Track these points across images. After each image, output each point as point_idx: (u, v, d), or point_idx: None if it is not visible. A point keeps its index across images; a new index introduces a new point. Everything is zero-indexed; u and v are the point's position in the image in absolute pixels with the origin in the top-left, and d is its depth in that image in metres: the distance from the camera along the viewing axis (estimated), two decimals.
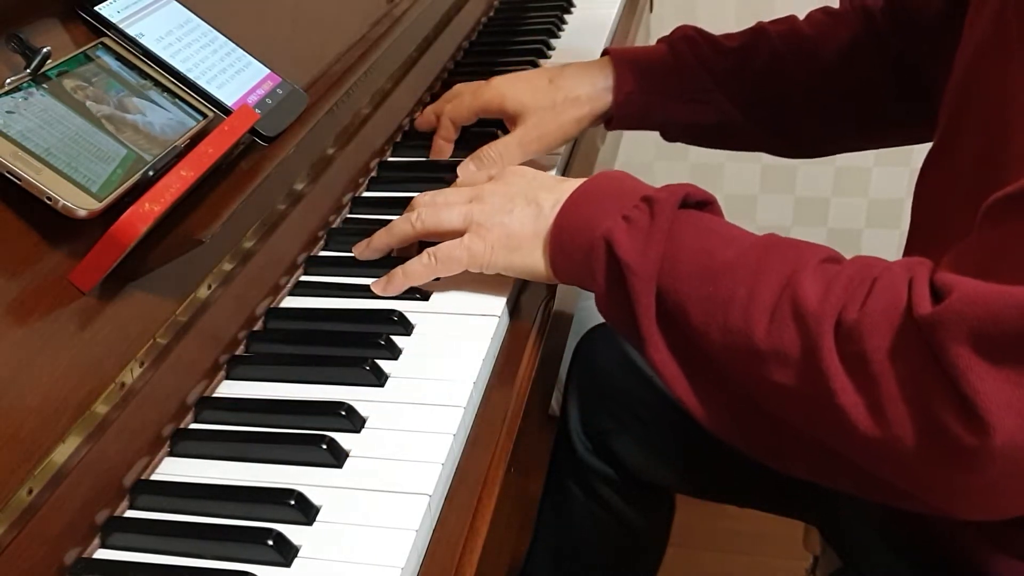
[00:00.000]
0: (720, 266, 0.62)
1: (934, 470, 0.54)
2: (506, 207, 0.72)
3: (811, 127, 0.96)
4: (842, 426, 0.55)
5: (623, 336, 0.68)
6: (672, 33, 0.95)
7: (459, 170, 0.89)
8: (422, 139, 1.00)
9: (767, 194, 1.91)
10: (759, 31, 0.94)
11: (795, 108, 0.94)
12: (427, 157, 0.95)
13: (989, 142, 0.62)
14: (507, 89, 0.91)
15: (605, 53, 0.95)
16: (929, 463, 0.54)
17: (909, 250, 0.76)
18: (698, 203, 0.68)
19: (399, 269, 0.73)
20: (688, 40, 0.94)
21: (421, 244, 0.75)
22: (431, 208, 0.74)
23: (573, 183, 0.71)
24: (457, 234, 0.72)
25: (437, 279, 0.74)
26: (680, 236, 0.64)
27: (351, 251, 0.78)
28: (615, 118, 0.93)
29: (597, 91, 0.92)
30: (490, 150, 0.89)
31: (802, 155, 1.02)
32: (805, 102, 0.94)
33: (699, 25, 0.96)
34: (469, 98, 0.92)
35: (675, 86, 0.93)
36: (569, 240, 0.68)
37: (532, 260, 0.70)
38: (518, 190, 0.73)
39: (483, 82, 0.93)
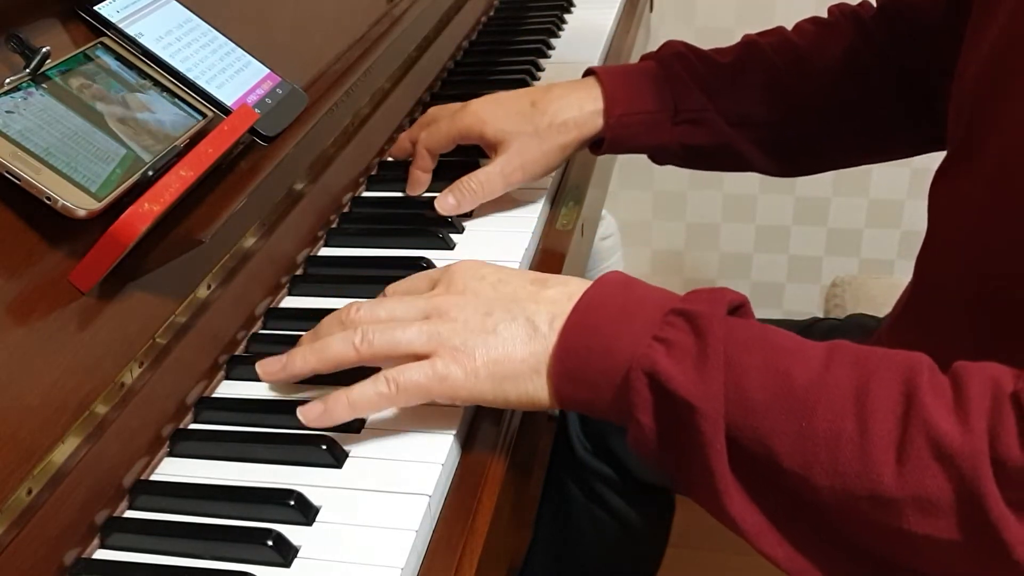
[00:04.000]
0: (805, 391, 0.51)
1: None
2: (485, 324, 0.59)
3: (809, 143, 0.91)
4: None
5: (672, 480, 0.57)
6: (660, 49, 0.90)
7: (436, 204, 0.81)
8: None
9: (767, 194, 1.91)
10: (751, 45, 0.90)
11: (792, 124, 0.90)
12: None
13: (1011, 151, 0.60)
14: (487, 114, 0.84)
15: (589, 73, 0.89)
16: None
17: (924, 255, 0.74)
18: (734, 308, 0.57)
19: (343, 396, 0.59)
20: (679, 57, 0.88)
21: None
22: (380, 327, 0.60)
23: (560, 288, 0.60)
24: (415, 358, 0.59)
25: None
26: (740, 357, 0.53)
27: (256, 367, 0.65)
28: (606, 143, 0.86)
29: (585, 115, 0.85)
30: (470, 181, 0.82)
31: (796, 174, 0.97)
32: (802, 117, 0.89)
33: (699, 25, 0.95)
34: (446, 124, 0.85)
35: (669, 107, 0.86)
36: (584, 368, 0.56)
37: (531, 389, 0.58)
38: (490, 300, 0.60)
39: (460, 106, 0.86)
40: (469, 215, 0.85)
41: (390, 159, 0.93)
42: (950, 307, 0.55)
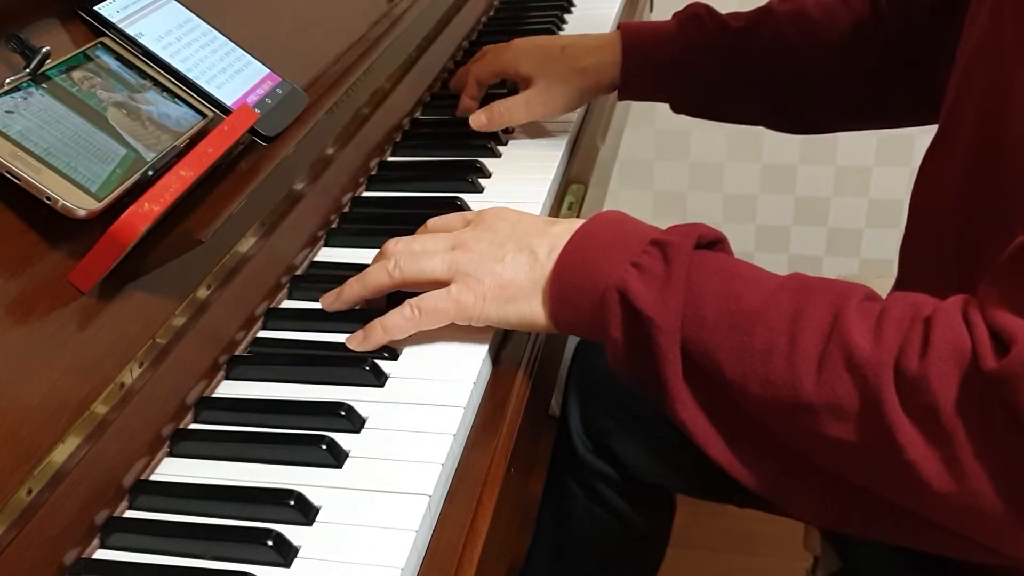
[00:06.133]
0: (750, 312, 0.58)
1: (1018, 523, 0.52)
2: (496, 254, 0.67)
3: (811, 107, 0.98)
4: (913, 481, 0.52)
5: (641, 392, 0.64)
6: (684, 10, 0.98)
7: (471, 120, 0.95)
8: (420, 139, 1.00)
9: (767, 194, 1.91)
10: (766, 11, 0.97)
11: (795, 89, 0.97)
12: (425, 156, 0.96)
13: (984, 132, 0.63)
14: (523, 54, 0.97)
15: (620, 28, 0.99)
16: (1013, 516, 0.51)
17: (905, 247, 0.76)
18: (709, 243, 0.64)
19: (377, 323, 0.67)
20: (696, 19, 0.96)
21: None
22: (410, 257, 0.69)
23: (565, 226, 0.67)
24: (439, 284, 0.67)
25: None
26: (700, 282, 0.60)
27: (319, 300, 0.73)
28: (621, 90, 0.98)
29: (604, 64, 0.96)
30: (500, 105, 0.95)
31: (802, 131, 1.05)
32: (805, 84, 0.96)
33: None
34: (491, 57, 0.99)
35: (678, 64, 0.96)
36: (572, 291, 0.64)
37: (529, 311, 0.66)
38: (505, 235, 0.68)
39: (505, 45, 1.00)
40: None
41: (448, 89, 1.07)
42: (933, 296, 0.57)
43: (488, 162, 0.92)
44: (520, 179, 0.91)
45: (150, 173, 0.61)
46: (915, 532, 0.59)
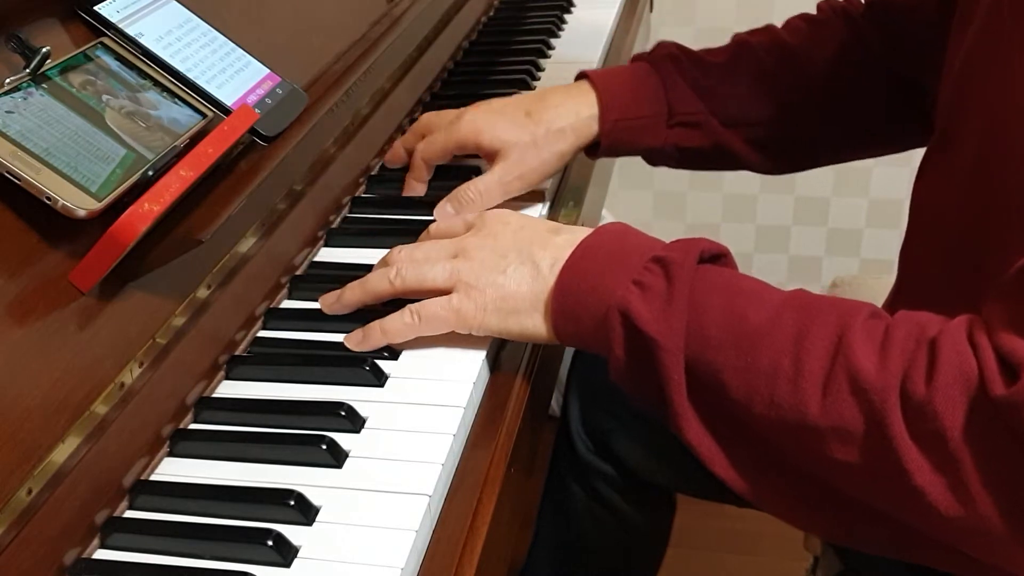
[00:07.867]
0: (754, 331, 0.57)
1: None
2: (498, 265, 0.66)
3: (801, 140, 0.93)
4: (920, 505, 0.52)
5: (645, 408, 0.64)
6: (652, 51, 0.91)
7: (436, 212, 0.83)
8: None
9: (767, 194, 1.91)
10: (742, 44, 0.91)
11: (784, 122, 0.91)
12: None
13: (987, 138, 0.62)
14: (483, 124, 0.85)
15: (581, 76, 0.90)
16: (1020, 539, 0.51)
17: (906, 249, 0.76)
18: (712, 257, 0.63)
19: (377, 325, 0.67)
20: (672, 59, 0.89)
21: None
22: (411, 264, 0.68)
23: (568, 236, 0.67)
24: (440, 292, 0.67)
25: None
26: (703, 300, 0.59)
27: (319, 301, 0.73)
28: (602, 148, 0.88)
29: (581, 121, 0.86)
30: (468, 191, 0.82)
31: (790, 170, 0.98)
32: (794, 115, 0.91)
33: (699, 25, 0.95)
34: (443, 136, 0.86)
35: (664, 110, 0.88)
36: (575, 306, 0.63)
37: (531, 324, 0.66)
38: (508, 245, 0.67)
39: (455, 116, 0.87)
40: None
41: (386, 166, 0.93)
42: (933, 301, 0.57)
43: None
44: None
45: (150, 173, 0.61)
46: (922, 550, 0.59)
